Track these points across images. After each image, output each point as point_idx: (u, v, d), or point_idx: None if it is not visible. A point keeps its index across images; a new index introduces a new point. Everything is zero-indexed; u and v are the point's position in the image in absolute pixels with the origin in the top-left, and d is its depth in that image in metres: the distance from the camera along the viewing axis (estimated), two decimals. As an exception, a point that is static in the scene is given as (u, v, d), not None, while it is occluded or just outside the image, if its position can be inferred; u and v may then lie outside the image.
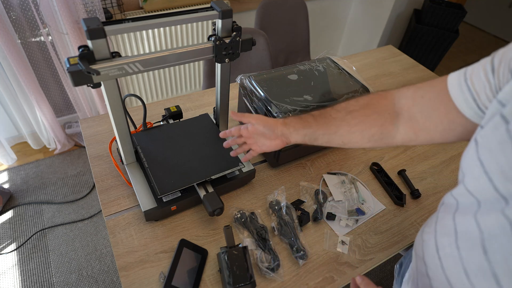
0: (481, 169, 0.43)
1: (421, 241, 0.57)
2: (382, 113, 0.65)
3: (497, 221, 0.41)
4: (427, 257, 0.54)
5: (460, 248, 0.46)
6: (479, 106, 0.49)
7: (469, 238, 0.45)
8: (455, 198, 0.51)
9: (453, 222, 0.49)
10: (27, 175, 1.93)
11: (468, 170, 0.47)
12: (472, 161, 0.45)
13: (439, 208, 0.56)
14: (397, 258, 0.95)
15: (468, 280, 0.45)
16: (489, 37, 3.90)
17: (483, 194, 0.44)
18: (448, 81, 0.54)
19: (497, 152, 0.41)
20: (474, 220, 0.45)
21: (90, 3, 1.67)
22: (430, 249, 0.53)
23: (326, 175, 1.03)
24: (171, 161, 0.89)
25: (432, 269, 0.52)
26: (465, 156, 0.48)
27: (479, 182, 0.44)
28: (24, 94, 1.81)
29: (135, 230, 0.84)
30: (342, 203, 0.95)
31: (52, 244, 1.65)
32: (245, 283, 0.72)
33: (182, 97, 1.26)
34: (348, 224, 0.91)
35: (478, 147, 0.45)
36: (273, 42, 1.97)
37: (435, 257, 0.51)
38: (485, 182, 0.43)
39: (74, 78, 0.64)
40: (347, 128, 0.68)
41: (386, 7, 2.53)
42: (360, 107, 0.67)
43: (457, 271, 0.46)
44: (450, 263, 0.48)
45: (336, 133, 0.69)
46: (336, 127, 0.69)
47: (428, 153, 1.16)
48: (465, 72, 0.52)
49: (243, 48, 0.81)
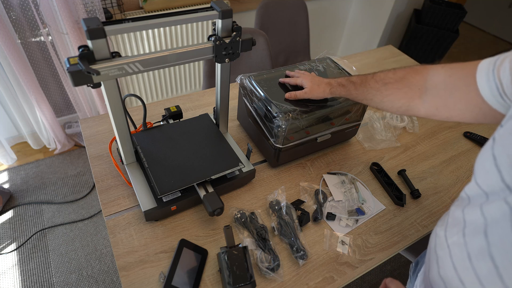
0: (492, 163, 0.46)
1: (435, 234, 0.61)
2: (413, 87, 0.72)
3: (499, 208, 0.44)
4: (438, 248, 0.57)
5: (466, 235, 0.50)
6: (502, 96, 0.52)
7: (474, 226, 0.49)
8: (466, 194, 0.54)
9: (462, 214, 0.52)
10: (27, 175, 1.93)
11: (481, 166, 0.50)
12: (486, 156, 0.48)
13: (452, 204, 0.60)
14: (397, 258, 0.95)
15: (470, 263, 0.48)
16: (489, 37, 3.90)
17: (491, 186, 0.47)
18: (478, 67, 0.58)
19: (509, 145, 0.44)
20: (479, 210, 0.48)
21: (90, 3, 1.67)
22: (440, 239, 0.57)
23: (326, 175, 1.03)
24: (171, 161, 0.89)
25: (442, 257, 0.56)
26: (481, 152, 0.50)
27: (489, 175, 0.47)
28: (24, 94, 1.81)
29: (135, 230, 0.84)
30: (342, 203, 0.95)
31: (52, 244, 1.65)
32: (245, 283, 0.72)
33: (182, 97, 1.26)
34: (348, 224, 0.91)
35: (495, 143, 0.47)
36: (273, 42, 1.97)
37: (445, 246, 0.55)
38: (494, 175, 0.45)
39: (74, 78, 0.64)
40: (380, 98, 0.78)
41: (386, 7, 2.53)
42: (395, 80, 0.75)
43: (462, 256, 0.50)
44: (456, 250, 0.52)
45: (371, 100, 0.80)
46: (372, 96, 0.80)
47: (428, 153, 1.16)
48: (495, 61, 0.54)
49: (243, 48, 0.81)
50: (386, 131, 1.19)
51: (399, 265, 1.72)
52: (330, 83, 0.89)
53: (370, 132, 1.20)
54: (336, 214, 0.92)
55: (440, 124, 1.28)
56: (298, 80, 0.94)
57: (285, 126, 0.89)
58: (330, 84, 0.89)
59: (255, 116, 0.99)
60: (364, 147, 1.14)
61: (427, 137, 1.22)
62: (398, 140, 1.18)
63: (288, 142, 0.95)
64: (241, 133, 1.14)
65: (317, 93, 0.90)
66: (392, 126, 1.23)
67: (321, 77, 0.94)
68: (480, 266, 0.47)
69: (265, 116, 0.94)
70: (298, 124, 0.91)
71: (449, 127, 1.28)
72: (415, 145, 1.18)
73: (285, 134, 0.91)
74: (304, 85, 0.93)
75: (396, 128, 1.22)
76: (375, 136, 1.18)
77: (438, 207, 0.99)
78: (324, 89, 0.89)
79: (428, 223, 0.94)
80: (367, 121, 1.23)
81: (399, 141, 1.18)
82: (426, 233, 0.92)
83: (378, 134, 1.18)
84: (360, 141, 1.17)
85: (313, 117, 0.93)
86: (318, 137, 1.01)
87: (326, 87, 0.90)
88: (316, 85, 0.91)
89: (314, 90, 0.90)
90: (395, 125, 1.23)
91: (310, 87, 0.91)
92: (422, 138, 1.22)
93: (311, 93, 0.91)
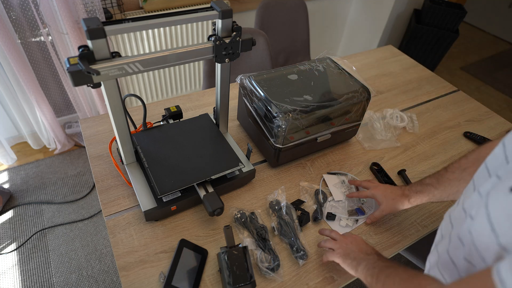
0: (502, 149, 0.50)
1: (443, 219, 0.65)
2: None
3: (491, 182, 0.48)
4: (443, 225, 0.63)
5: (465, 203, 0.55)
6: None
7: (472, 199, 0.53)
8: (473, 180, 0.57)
9: (463, 197, 0.58)
10: (27, 175, 1.93)
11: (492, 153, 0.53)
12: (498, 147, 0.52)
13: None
14: (397, 258, 0.95)
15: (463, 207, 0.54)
16: (489, 37, 3.90)
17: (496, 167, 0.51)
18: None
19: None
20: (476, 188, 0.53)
21: (90, 3, 1.67)
22: (445, 219, 0.62)
23: (326, 175, 1.03)
24: (171, 161, 0.89)
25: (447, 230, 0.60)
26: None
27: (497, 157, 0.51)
28: (24, 94, 1.81)
29: (135, 230, 0.84)
30: (342, 203, 0.95)
31: (52, 244, 1.65)
32: (245, 283, 0.72)
33: (182, 97, 1.26)
34: (348, 224, 0.91)
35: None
36: (273, 42, 1.97)
37: (450, 223, 0.60)
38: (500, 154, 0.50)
39: (74, 78, 0.64)
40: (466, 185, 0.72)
41: (386, 7, 2.52)
42: (472, 163, 0.73)
43: (459, 215, 0.55)
44: (456, 214, 0.57)
45: (457, 191, 0.76)
46: (457, 186, 0.75)
47: (428, 153, 1.16)
48: None
49: (243, 48, 0.81)
50: (386, 131, 1.19)
51: (399, 265, 1.72)
52: (406, 195, 0.84)
53: (370, 132, 1.19)
54: (336, 214, 0.92)
55: (440, 124, 1.28)
56: (369, 194, 0.90)
57: (285, 126, 0.89)
58: (407, 196, 0.84)
59: (255, 116, 0.99)
60: (364, 147, 1.14)
61: (427, 137, 1.22)
62: (398, 140, 1.18)
63: (288, 142, 0.95)
64: (241, 133, 1.14)
65: (394, 209, 0.86)
66: (392, 126, 1.23)
67: (391, 187, 0.88)
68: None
69: (265, 116, 0.94)
70: (298, 124, 0.91)
71: (449, 127, 1.28)
72: (415, 145, 1.18)
73: (285, 134, 0.91)
74: (376, 200, 0.89)
75: (396, 128, 1.22)
76: (375, 136, 1.18)
77: (438, 207, 0.99)
78: (402, 202, 0.84)
79: (428, 223, 0.94)
80: (367, 121, 1.23)
81: (399, 141, 1.18)
82: (426, 233, 0.92)
83: (378, 134, 1.18)
84: (360, 141, 1.17)
85: (313, 117, 0.93)
86: (318, 137, 1.01)
87: (403, 200, 0.84)
88: (390, 199, 0.86)
89: (389, 206, 0.86)
90: (395, 125, 1.23)
91: (385, 204, 0.86)
92: (422, 138, 1.22)
93: (388, 210, 0.86)
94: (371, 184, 0.92)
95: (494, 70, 3.30)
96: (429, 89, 1.47)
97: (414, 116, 1.29)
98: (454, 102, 1.41)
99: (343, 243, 0.76)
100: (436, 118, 1.31)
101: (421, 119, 1.30)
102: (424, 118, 1.30)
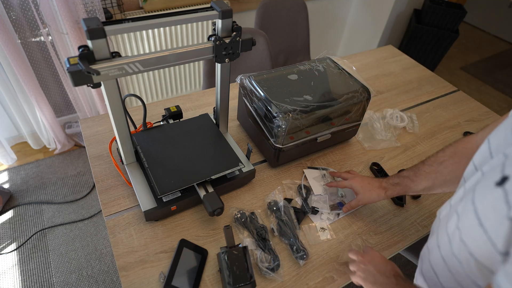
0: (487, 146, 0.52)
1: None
2: (470, 155, 0.66)
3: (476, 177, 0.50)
4: (434, 224, 0.66)
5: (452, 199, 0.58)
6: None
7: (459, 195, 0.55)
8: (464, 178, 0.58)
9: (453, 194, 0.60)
10: (27, 175, 1.93)
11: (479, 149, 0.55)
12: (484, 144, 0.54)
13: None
14: (397, 258, 0.95)
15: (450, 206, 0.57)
16: (489, 37, 3.90)
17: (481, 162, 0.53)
18: None
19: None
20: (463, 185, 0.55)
21: (90, 3, 1.67)
22: (437, 219, 0.65)
23: (306, 169, 1.03)
24: (171, 161, 0.89)
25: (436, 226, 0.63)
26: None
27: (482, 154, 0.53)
28: (24, 94, 1.81)
29: (135, 230, 0.84)
30: (323, 197, 0.96)
31: (52, 244, 1.65)
32: (245, 283, 0.72)
33: (182, 97, 1.26)
34: (329, 218, 0.92)
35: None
36: (273, 42, 1.97)
37: (438, 219, 0.62)
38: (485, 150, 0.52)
39: (74, 78, 0.64)
40: (442, 178, 0.75)
41: (386, 7, 2.52)
42: (449, 157, 0.74)
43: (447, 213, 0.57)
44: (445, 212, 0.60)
45: (433, 185, 0.77)
46: (433, 179, 0.76)
47: (428, 153, 1.15)
48: None
49: (243, 48, 0.81)
50: (386, 131, 1.19)
51: (399, 265, 1.72)
52: (383, 186, 0.85)
53: (370, 132, 1.19)
54: (318, 209, 0.92)
55: (440, 124, 1.28)
56: (347, 184, 0.91)
57: (285, 126, 0.89)
58: (384, 188, 0.85)
59: (255, 116, 0.99)
60: (364, 147, 1.14)
61: (427, 137, 1.22)
62: (398, 140, 1.18)
63: (288, 142, 0.95)
64: (241, 133, 1.14)
65: (370, 200, 0.87)
66: (392, 126, 1.23)
67: (369, 178, 0.89)
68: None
69: (265, 116, 0.94)
70: (298, 124, 0.91)
71: (449, 127, 1.28)
72: (415, 145, 1.18)
73: (285, 134, 0.91)
74: (354, 190, 0.89)
75: (396, 128, 1.22)
76: (375, 136, 1.18)
77: (438, 207, 0.98)
78: (379, 194, 0.85)
79: (428, 223, 0.94)
80: (367, 121, 1.23)
81: (399, 141, 1.18)
82: (426, 233, 0.92)
83: (378, 134, 1.18)
84: (360, 141, 1.17)
85: (313, 117, 0.93)
86: (318, 137, 1.01)
87: (380, 191, 0.85)
88: (367, 190, 0.86)
89: (366, 196, 0.87)
90: (395, 125, 1.23)
91: (362, 194, 0.87)
92: (422, 138, 1.22)
93: (364, 200, 0.87)
94: (349, 175, 0.93)
95: (494, 70, 3.30)
96: (429, 89, 1.47)
97: (414, 116, 1.29)
98: (454, 102, 1.41)
99: (362, 263, 0.74)
100: (436, 118, 1.31)
101: (421, 119, 1.30)
102: (424, 118, 1.30)
